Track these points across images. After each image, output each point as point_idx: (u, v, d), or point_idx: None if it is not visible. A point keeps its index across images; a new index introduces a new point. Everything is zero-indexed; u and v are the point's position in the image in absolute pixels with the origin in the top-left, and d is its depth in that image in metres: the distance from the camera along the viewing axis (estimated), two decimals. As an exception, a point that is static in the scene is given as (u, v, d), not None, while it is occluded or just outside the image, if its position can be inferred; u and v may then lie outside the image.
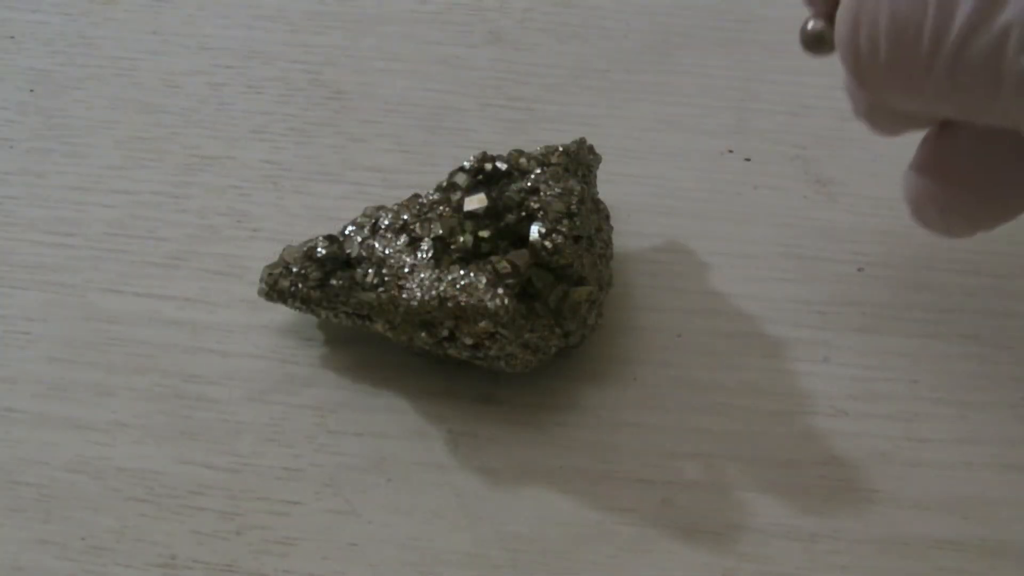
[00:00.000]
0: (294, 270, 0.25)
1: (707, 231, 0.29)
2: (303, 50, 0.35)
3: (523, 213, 0.24)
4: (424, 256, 0.24)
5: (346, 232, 0.26)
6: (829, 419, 0.25)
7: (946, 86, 0.19)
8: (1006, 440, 0.24)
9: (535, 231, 0.24)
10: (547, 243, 0.24)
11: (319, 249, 0.25)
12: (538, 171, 0.25)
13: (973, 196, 0.24)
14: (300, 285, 0.25)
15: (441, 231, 0.24)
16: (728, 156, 0.31)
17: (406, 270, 0.24)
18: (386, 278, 0.24)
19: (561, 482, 0.24)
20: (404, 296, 0.24)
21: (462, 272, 0.23)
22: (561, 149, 0.27)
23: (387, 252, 0.25)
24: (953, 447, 0.24)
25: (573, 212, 0.24)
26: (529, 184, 0.25)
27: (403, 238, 0.25)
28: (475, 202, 0.24)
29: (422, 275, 0.24)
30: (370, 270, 0.24)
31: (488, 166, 0.25)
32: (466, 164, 0.25)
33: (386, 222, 0.25)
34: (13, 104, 0.33)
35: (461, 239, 0.24)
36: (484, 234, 0.24)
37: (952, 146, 0.23)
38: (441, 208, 0.25)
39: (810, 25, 0.22)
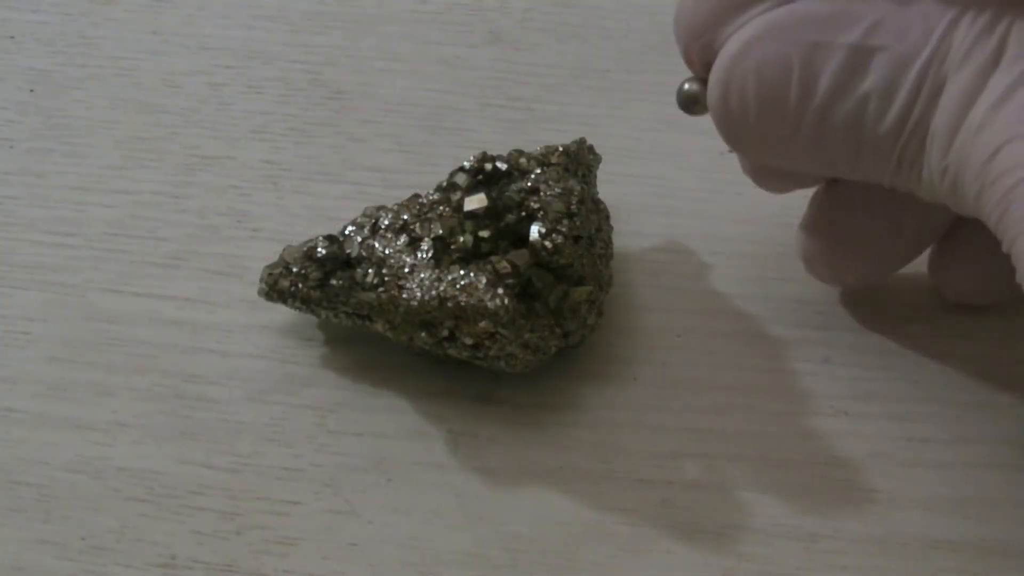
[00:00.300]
0: (294, 270, 0.25)
1: (707, 231, 0.29)
2: (303, 50, 0.35)
3: (523, 213, 0.24)
4: (424, 256, 0.24)
5: (346, 232, 0.26)
6: (829, 419, 0.25)
7: (812, 148, 0.21)
8: (1006, 440, 0.24)
9: (535, 231, 0.24)
10: (547, 243, 0.24)
11: (319, 249, 0.25)
12: (538, 171, 0.25)
13: (858, 252, 0.26)
14: (300, 285, 0.25)
15: (441, 231, 0.24)
16: (728, 156, 0.31)
17: (406, 270, 0.24)
18: (386, 278, 0.24)
19: (561, 482, 0.24)
20: (404, 296, 0.24)
21: (462, 272, 0.23)
22: (561, 149, 0.27)
23: (387, 252, 0.25)
24: (953, 447, 0.24)
25: (573, 212, 0.24)
26: (529, 184, 0.25)
27: (403, 238, 0.25)
28: (475, 202, 0.24)
29: (422, 275, 0.24)
30: (370, 270, 0.24)
31: (488, 166, 0.25)
32: (466, 164, 0.25)
33: (386, 222, 0.25)
34: (13, 104, 0.33)
35: (461, 239, 0.24)
36: (484, 234, 0.24)
37: (836, 204, 0.25)
38: (441, 208, 0.25)
39: (685, 87, 0.23)
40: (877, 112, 0.19)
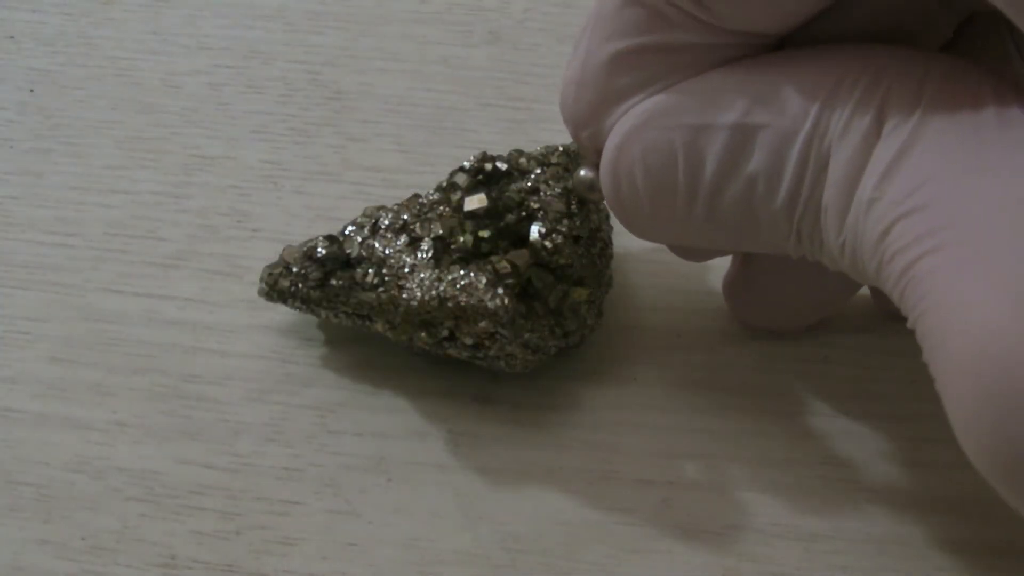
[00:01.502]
0: (294, 270, 0.25)
1: (707, 231, 0.29)
2: (303, 50, 0.35)
3: (523, 213, 0.24)
4: (424, 256, 0.24)
5: (346, 232, 0.26)
6: (829, 419, 0.25)
7: (709, 229, 0.21)
8: (1006, 440, 0.24)
9: (535, 231, 0.24)
10: (547, 243, 0.24)
11: (319, 249, 0.25)
12: (538, 171, 0.25)
13: (782, 307, 0.26)
14: (300, 285, 0.25)
15: (441, 231, 0.24)
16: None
17: (406, 270, 0.24)
18: (386, 278, 0.24)
19: (561, 482, 0.24)
20: (404, 296, 0.24)
21: (462, 272, 0.23)
22: (561, 149, 0.27)
23: (387, 252, 0.25)
24: (953, 447, 0.24)
25: (573, 212, 0.25)
26: (529, 184, 0.25)
27: (403, 238, 0.25)
28: (475, 202, 0.24)
29: (422, 275, 0.24)
30: (370, 270, 0.24)
31: (488, 166, 0.25)
32: (466, 164, 0.25)
33: (386, 222, 0.25)
34: (13, 104, 0.33)
35: (461, 239, 0.24)
36: (484, 234, 0.24)
37: (755, 269, 0.25)
38: (441, 208, 0.25)
39: (581, 173, 0.23)
40: (767, 190, 0.19)
